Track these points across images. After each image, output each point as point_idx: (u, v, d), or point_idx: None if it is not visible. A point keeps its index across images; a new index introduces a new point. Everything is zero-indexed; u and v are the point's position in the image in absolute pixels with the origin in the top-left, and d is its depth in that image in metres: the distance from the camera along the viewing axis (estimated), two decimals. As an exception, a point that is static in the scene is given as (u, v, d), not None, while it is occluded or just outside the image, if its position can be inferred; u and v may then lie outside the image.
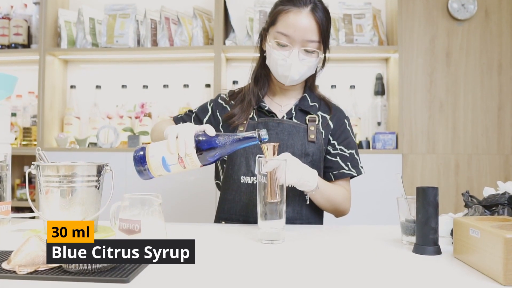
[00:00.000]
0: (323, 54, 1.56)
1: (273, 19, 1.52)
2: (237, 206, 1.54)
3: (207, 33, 2.91)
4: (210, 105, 1.68)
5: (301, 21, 1.46)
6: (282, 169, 1.19)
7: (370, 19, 2.82)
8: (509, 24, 2.72)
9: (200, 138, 1.23)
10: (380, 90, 2.88)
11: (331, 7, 2.85)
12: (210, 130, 1.25)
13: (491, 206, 1.13)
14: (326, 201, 1.51)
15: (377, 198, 2.59)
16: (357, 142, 2.75)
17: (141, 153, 1.26)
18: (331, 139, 1.61)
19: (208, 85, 2.90)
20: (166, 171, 1.25)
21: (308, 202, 1.53)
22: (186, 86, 2.95)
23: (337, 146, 1.60)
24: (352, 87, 2.89)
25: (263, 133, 1.23)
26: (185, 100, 2.93)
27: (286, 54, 1.48)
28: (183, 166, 1.23)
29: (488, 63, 2.73)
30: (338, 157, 1.59)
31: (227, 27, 2.94)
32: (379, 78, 2.89)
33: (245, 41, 2.84)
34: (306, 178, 1.36)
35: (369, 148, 2.78)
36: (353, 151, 1.62)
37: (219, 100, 1.68)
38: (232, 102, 1.66)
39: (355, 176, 1.60)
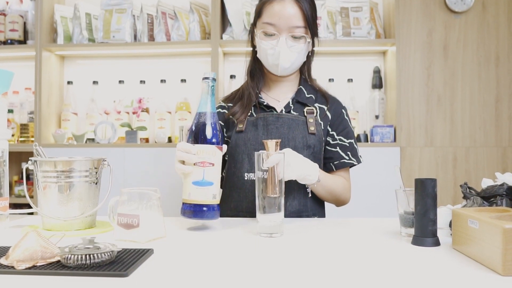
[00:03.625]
0: (311, 39, 1.57)
1: (258, 11, 1.56)
2: (243, 203, 1.55)
3: (204, 28, 2.90)
4: None
5: (285, 9, 1.50)
6: (281, 164, 1.19)
7: (367, 12, 2.82)
8: (506, 16, 2.72)
9: (190, 138, 1.26)
10: (377, 83, 2.87)
11: (329, 0, 2.86)
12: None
13: (489, 197, 1.13)
14: (327, 192, 1.53)
15: (375, 191, 2.59)
16: (355, 135, 2.74)
17: (185, 207, 1.25)
18: (330, 130, 1.62)
19: (205, 80, 2.89)
20: (209, 186, 1.23)
21: (310, 195, 1.54)
22: (183, 81, 2.95)
23: (336, 137, 1.62)
24: (350, 80, 2.89)
25: (207, 73, 1.28)
26: (183, 95, 2.92)
27: (274, 43, 1.52)
28: (210, 164, 1.22)
29: (485, 55, 2.72)
30: (338, 147, 1.61)
31: (224, 22, 2.93)
32: (377, 71, 2.88)
33: (242, 35, 2.83)
34: (308, 172, 1.38)
35: (367, 141, 2.78)
36: (352, 141, 1.63)
37: (217, 110, 1.68)
38: (230, 104, 1.67)
39: (355, 165, 1.62)
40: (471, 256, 0.93)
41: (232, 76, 2.91)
